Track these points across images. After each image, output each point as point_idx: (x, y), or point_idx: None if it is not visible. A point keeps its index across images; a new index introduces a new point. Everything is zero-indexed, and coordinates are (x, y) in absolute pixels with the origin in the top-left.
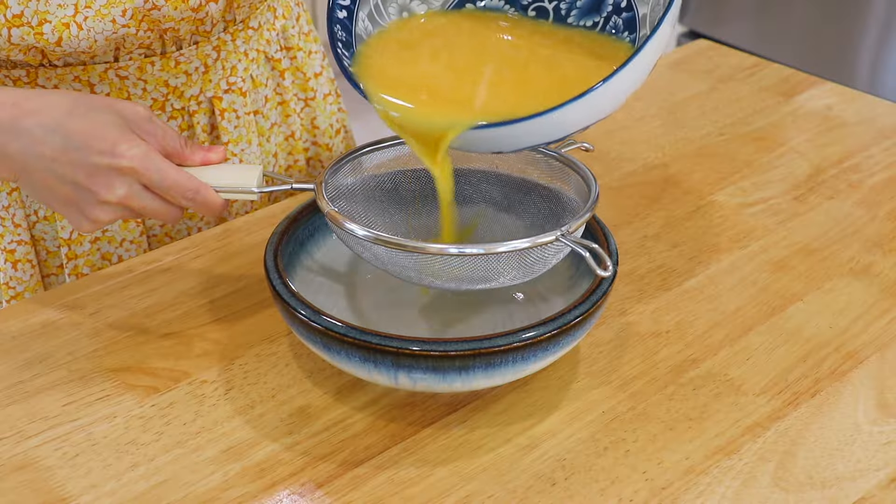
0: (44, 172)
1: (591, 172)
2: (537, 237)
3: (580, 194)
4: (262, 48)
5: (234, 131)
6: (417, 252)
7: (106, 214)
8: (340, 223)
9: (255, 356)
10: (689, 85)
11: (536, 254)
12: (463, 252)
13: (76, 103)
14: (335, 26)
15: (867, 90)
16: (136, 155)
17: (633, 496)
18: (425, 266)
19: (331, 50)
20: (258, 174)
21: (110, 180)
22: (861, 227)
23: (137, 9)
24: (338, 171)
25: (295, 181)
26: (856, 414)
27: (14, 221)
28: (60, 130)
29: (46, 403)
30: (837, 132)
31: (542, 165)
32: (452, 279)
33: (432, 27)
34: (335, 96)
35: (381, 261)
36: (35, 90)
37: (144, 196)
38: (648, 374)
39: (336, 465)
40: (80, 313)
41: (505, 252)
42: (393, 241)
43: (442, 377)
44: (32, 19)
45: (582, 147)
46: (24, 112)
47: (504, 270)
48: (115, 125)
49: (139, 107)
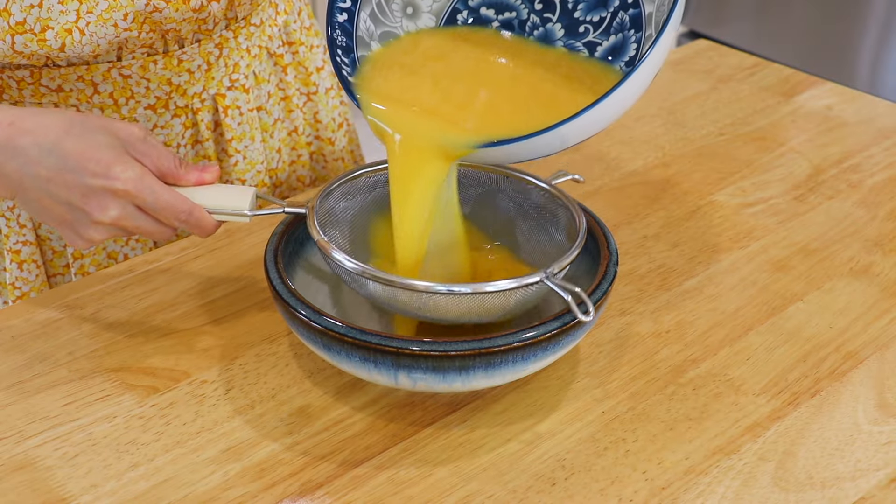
0: (39, 192)
1: (580, 208)
2: (522, 279)
3: (569, 230)
4: (265, 44)
5: (238, 128)
6: (405, 289)
7: (99, 234)
8: (328, 252)
9: (255, 356)
10: (689, 85)
11: (520, 293)
12: (451, 291)
13: (72, 123)
14: (335, 32)
15: (867, 90)
16: (130, 178)
17: (633, 496)
18: (412, 301)
19: (330, 59)
20: (251, 196)
21: (104, 202)
22: (861, 227)
23: (139, 12)
24: (329, 195)
25: (287, 204)
26: (856, 414)
27: (19, 222)
28: (56, 151)
29: (46, 403)
30: (837, 132)
31: (534, 197)
32: (439, 314)
33: (432, 48)
34: (337, 90)
35: (368, 294)
36: (32, 109)
37: (138, 217)
38: (648, 374)
39: (336, 465)
40: (80, 313)
41: (491, 292)
42: (381, 276)
43: (442, 377)
44: (35, 26)
45: (573, 179)
46: (21, 131)
47: (490, 308)
48: (109, 147)
49: (134, 127)
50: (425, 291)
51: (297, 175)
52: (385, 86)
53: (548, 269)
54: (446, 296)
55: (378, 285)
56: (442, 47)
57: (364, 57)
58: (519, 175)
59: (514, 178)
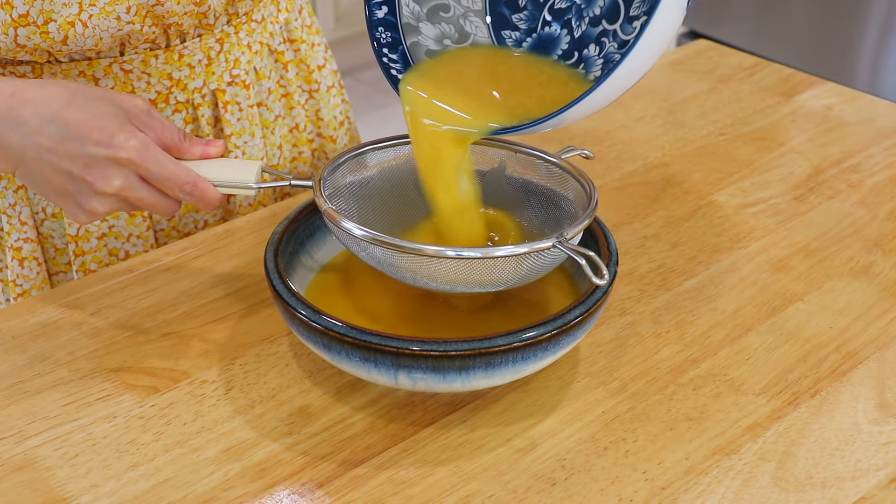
0: (40, 163)
1: (590, 179)
2: (534, 243)
3: (579, 201)
4: (266, 41)
5: (238, 124)
6: (414, 254)
7: (102, 206)
8: (337, 221)
9: (255, 356)
10: (689, 85)
11: (533, 259)
12: (461, 255)
13: (74, 94)
14: (377, 30)
15: (867, 90)
16: (134, 146)
17: (633, 496)
18: (421, 268)
19: (377, 61)
20: (257, 169)
21: (107, 171)
22: (861, 227)
23: (141, 5)
24: (337, 169)
25: (294, 177)
26: (856, 414)
27: (20, 219)
28: (58, 120)
29: (46, 403)
30: (837, 132)
31: (542, 171)
32: (448, 282)
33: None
34: (338, 88)
35: (376, 260)
36: (33, 80)
37: (141, 188)
38: (648, 374)
39: (336, 465)
40: (80, 313)
41: (502, 257)
42: (390, 241)
43: (442, 377)
44: (38, 18)
45: (582, 154)
46: (22, 102)
47: (500, 274)
48: (113, 116)
49: (138, 99)
50: (434, 256)
51: (297, 172)
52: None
53: (560, 234)
54: (455, 261)
55: (388, 252)
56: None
57: (415, 44)
58: (528, 151)
59: (524, 153)
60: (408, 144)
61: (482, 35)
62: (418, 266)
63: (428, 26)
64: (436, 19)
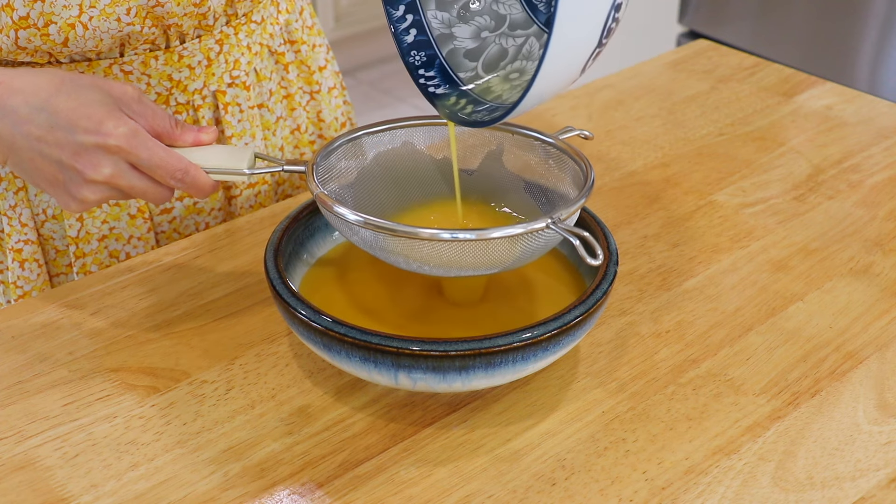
0: (30, 152)
1: (587, 159)
2: (529, 224)
3: (576, 183)
4: (266, 42)
5: (238, 125)
6: (408, 237)
7: (93, 194)
8: (329, 206)
9: (255, 356)
10: (689, 85)
11: (527, 240)
12: (455, 237)
13: (63, 81)
14: (410, 56)
15: (867, 90)
16: (124, 133)
17: (633, 496)
18: (413, 251)
19: (415, 83)
20: (249, 155)
21: (96, 159)
22: (861, 227)
23: (141, 6)
24: (330, 154)
25: (286, 162)
26: (856, 414)
27: (21, 221)
28: (47, 109)
29: (46, 403)
30: (837, 132)
31: (539, 152)
32: (441, 265)
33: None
34: (340, 89)
35: (369, 245)
36: (23, 69)
37: (132, 175)
38: (648, 374)
39: (336, 465)
40: (80, 313)
41: (496, 238)
42: (383, 225)
43: (442, 377)
44: (38, 21)
45: (581, 135)
46: (11, 90)
47: (494, 256)
48: (102, 104)
49: (128, 86)
50: (429, 239)
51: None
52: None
53: (554, 215)
54: (450, 243)
55: (380, 236)
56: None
57: (451, 52)
58: (525, 132)
59: (520, 134)
60: (401, 128)
61: (517, 12)
62: (410, 249)
63: (462, 27)
64: (468, 17)
